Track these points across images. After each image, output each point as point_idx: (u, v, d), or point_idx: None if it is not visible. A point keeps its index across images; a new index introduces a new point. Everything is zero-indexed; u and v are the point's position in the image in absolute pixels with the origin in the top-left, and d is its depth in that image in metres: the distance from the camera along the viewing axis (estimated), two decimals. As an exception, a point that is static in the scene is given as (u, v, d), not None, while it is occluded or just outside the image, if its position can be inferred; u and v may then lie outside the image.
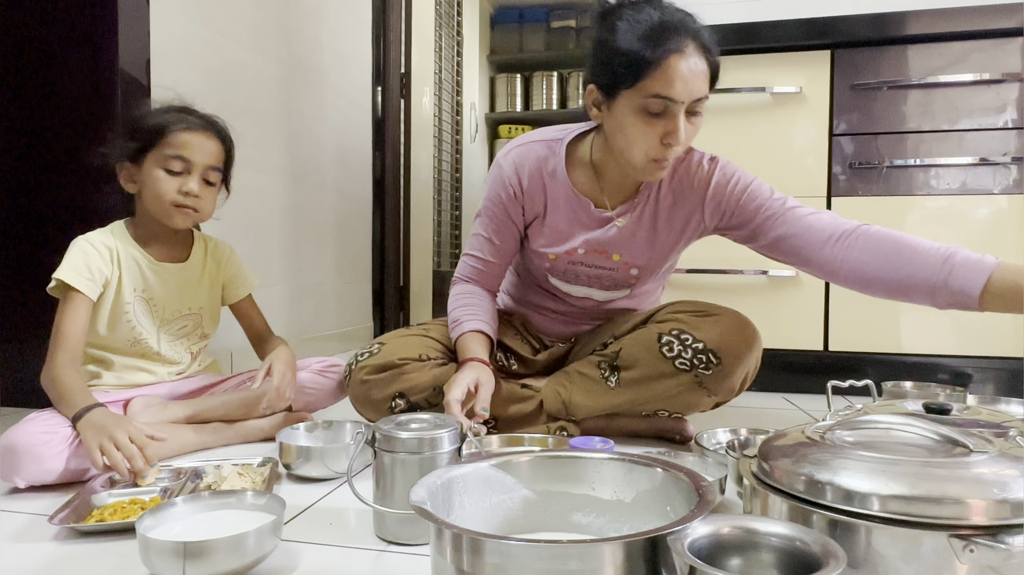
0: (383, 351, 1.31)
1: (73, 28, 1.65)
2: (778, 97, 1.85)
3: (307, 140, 2.56)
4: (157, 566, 0.72)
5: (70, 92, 1.65)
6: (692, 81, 1.08)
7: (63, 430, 1.06)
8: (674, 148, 1.13)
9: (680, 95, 1.08)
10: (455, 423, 0.87)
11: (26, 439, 1.03)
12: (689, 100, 1.09)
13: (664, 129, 1.11)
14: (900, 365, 1.82)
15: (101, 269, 1.23)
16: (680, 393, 1.24)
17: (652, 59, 1.06)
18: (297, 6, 2.46)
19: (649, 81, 1.07)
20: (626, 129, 1.13)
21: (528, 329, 1.46)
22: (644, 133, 1.12)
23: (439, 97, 3.78)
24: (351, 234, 2.93)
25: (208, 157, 1.27)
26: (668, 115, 1.10)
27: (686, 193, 1.28)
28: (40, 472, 1.03)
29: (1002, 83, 1.75)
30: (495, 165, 1.35)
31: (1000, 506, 0.57)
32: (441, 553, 0.57)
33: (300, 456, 1.10)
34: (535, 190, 1.31)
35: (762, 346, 1.26)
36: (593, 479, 0.72)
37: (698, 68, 1.08)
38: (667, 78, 1.07)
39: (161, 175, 1.23)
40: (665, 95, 1.08)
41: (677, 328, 1.22)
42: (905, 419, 0.70)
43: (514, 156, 1.32)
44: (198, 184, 1.25)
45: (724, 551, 0.56)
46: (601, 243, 1.30)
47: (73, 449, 1.05)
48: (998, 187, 1.76)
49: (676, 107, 1.09)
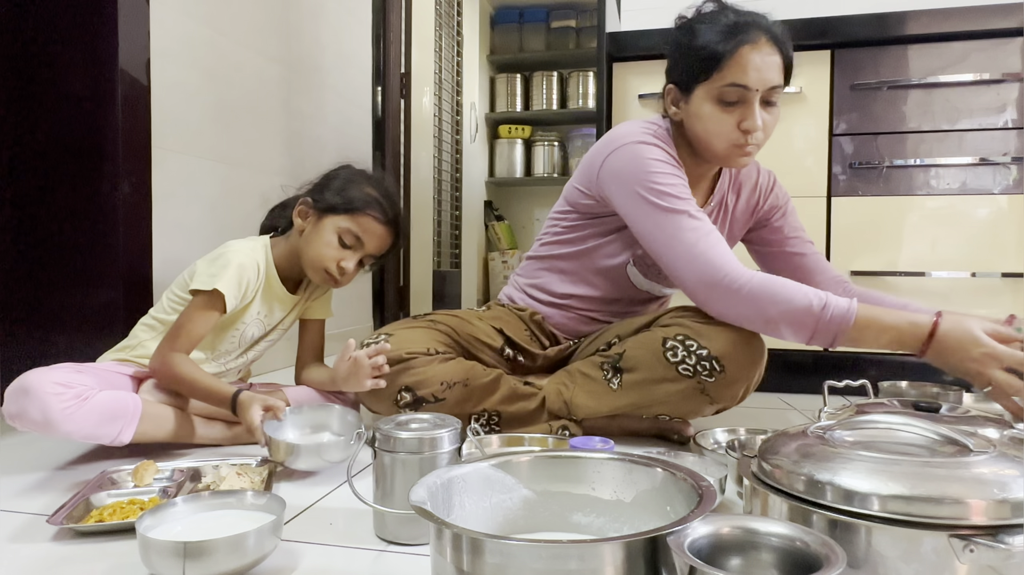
0: (391, 342, 1.29)
1: (73, 28, 1.65)
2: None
3: (307, 140, 2.56)
4: (157, 566, 0.72)
5: (70, 92, 1.65)
6: (765, 70, 1.16)
7: (78, 387, 1.07)
8: (753, 135, 1.19)
9: (754, 83, 1.16)
10: (455, 423, 0.87)
11: (40, 386, 1.04)
12: (763, 88, 1.17)
13: (741, 116, 1.18)
14: (900, 365, 1.82)
15: (250, 288, 1.29)
16: (682, 399, 1.23)
17: (726, 50, 1.15)
18: (297, 6, 2.46)
19: (724, 71, 1.16)
20: (704, 119, 1.21)
21: (541, 327, 1.45)
22: (722, 121, 1.19)
23: (439, 97, 3.78)
24: (351, 234, 2.93)
25: (378, 248, 1.37)
26: (744, 103, 1.18)
27: (749, 197, 1.42)
28: (42, 420, 1.04)
29: (1002, 83, 1.75)
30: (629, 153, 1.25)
31: (1000, 506, 0.57)
32: (441, 553, 0.57)
33: (291, 453, 1.09)
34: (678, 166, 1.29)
35: (766, 358, 1.24)
36: (593, 479, 0.72)
37: (771, 58, 1.17)
38: (740, 67, 1.15)
39: (332, 241, 1.31)
40: (739, 83, 1.16)
41: (682, 333, 1.21)
42: (905, 419, 0.70)
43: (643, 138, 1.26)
44: (355, 264, 1.34)
45: (724, 551, 0.56)
46: None
47: (77, 410, 1.06)
48: (998, 187, 1.76)
49: (751, 95, 1.17)
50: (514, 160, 4.33)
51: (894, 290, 1.81)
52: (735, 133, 1.20)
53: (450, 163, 4.01)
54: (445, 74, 3.90)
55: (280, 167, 2.39)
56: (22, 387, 1.05)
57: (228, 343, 1.35)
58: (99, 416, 1.09)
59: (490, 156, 4.40)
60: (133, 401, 1.15)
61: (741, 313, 1.16)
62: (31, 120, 1.68)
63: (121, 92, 1.64)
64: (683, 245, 1.18)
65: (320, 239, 1.32)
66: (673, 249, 1.19)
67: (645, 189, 1.21)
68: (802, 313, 1.10)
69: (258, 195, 2.25)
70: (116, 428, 1.11)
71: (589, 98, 4.21)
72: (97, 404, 1.09)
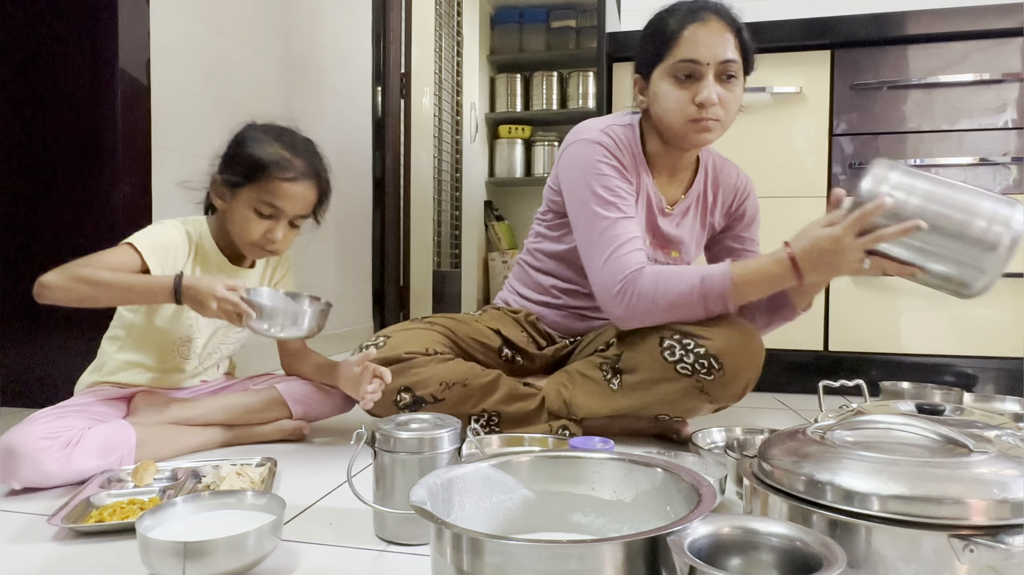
0: (389, 344, 1.30)
1: (73, 28, 1.65)
2: (778, 97, 1.85)
3: (307, 140, 2.56)
4: (157, 566, 0.72)
5: (70, 92, 1.65)
6: (714, 45, 1.21)
7: (64, 435, 1.06)
8: (710, 109, 1.23)
9: (703, 56, 1.21)
10: (455, 423, 0.87)
11: (26, 443, 1.02)
12: (714, 62, 1.22)
13: (694, 91, 1.23)
14: (900, 365, 1.82)
15: (172, 253, 1.23)
16: (681, 398, 1.23)
17: (676, 29, 1.23)
18: (297, 6, 2.46)
19: (676, 50, 1.23)
20: (661, 98, 1.26)
21: (536, 327, 1.46)
22: (678, 98, 1.24)
23: (439, 97, 3.78)
24: (351, 234, 2.93)
25: (301, 208, 1.27)
26: (697, 78, 1.23)
27: (727, 195, 1.44)
28: (38, 476, 1.02)
29: (1002, 83, 1.75)
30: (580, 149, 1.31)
31: (1000, 506, 0.57)
32: (441, 553, 0.57)
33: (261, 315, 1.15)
34: (630, 166, 1.32)
35: (764, 355, 1.25)
36: (593, 479, 0.72)
37: (721, 35, 1.22)
38: (691, 43, 1.22)
39: (251, 216, 1.24)
40: (690, 58, 1.22)
41: (680, 332, 1.22)
42: (905, 419, 0.70)
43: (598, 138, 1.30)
44: (284, 230, 1.26)
45: (724, 551, 0.56)
46: (662, 238, 1.38)
47: (72, 454, 1.05)
48: (998, 187, 1.76)
49: (703, 69, 1.22)
50: (514, 160, 4.33)
51: (894, 290, 1.82)
52: (690, 107, 1.23)
53: (450, 163, 4.01)
54: (445, 74, 3.90)
55: (280, 167, 2.38)
56: (8, 450, 1.02)
57: (186, 330, 1.29)
58: (96, 452, 1.07)
59: (490, 156, 4.41)
60: (125, 430, 1.13)
61: (642, 318, 1.23)
62: (31, 120, 1.68)
63: (121, 92, 1.64)
64: (600, 251, 1.25)
65: (239, 217, 1.25)
66: (591, 255, 1.27)
67: (585, 188, 1.28)
68: (687, 294, 1.18)
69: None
70: (116, 458, 1.10)
71: (589, 98, 4.22)
72: (91, 443, 1.07)
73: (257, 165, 1.23)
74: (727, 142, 1.90)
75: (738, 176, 1.45)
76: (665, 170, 1.37)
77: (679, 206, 1.39)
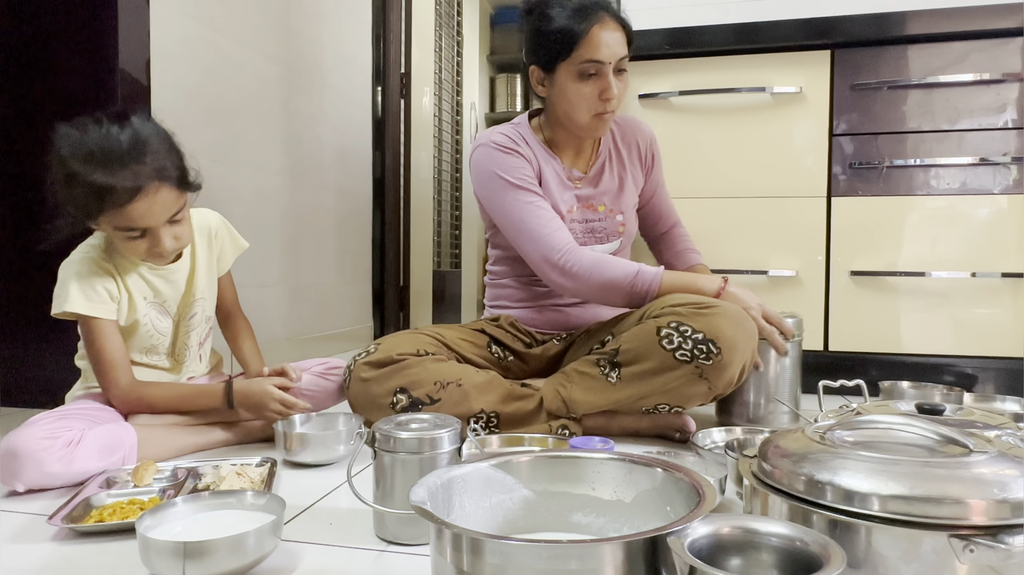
0: (381, 347, 1.33)
1: (73, 28, 1.65)
2: (778, 97, 1.85)
3: (307, 140, 2.56)
4: (157, 566, 0.72)
5: (70, 92, 1.65)
6: (613, 45, 1.35)
7: (65, 435, 1.06)
8: (611, 102, 1.38)
9: (606, 57, 1.34)
10: (455, 423, 0.87)
11: (27, 444, 1.02)
12: (614, 60, 1.35)
13: (600, 87, 1.36)
14: (900, 365, 1.82)
15: (107, 288, 1.20)
16: (681, 385, 1.25)
17: (580, 31, 1.33)
18: (297, 6, 2.46)
19: (580, 50, 1.34)
20: (568, 94, 1.39)
21: (517, 327, 1.51)
22: (585, 95, 1.38)
23: (439, 97, 3.78)
24: (351, 234, 2.93)
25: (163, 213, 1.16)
26: (600, 75, 1.36)
27: (638, 144, 1.57)
28: (41, 477, 1.03)
29: (1002, 83, 1.74)
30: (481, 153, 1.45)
31: (1000, 506, 0.57)
32: (441, 553, 0.57)
33: (299, 443, 1.17)
34: (528, 155, 1.46)
35: (758, 338, 1.30)
36: (593, 479, 0.72)
37: (616, 34, 1.36)
38: (594, 45, 1.34)
39: (125, 241, 1.18)
40: (595, 59, 1.34)
41: (675, 320, 1.24)
42: (905, 419, 0.70)
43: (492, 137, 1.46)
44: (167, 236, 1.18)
45: (724, 551, 0.56)
46: (585, 198, 1.50)
47: (74, 454, 1.05)
48: (998, 187, 1.76)
49: (605, 67, 1.35)
50: (514, 160, 4.32)
51: (894, 290, 1.82)
52: (597, 103, 1.38)
53: (450, 163, 4.01)
54: (445, 74, 3.90)
55: (280, 167, 2.39)
56: (10, 451, 1.02)
57: (147, 340, 1.28)
58: (98, 451, 1.07)
59: (490, 156, 4.40)
60: (126, 431, 1.14)
61: (575, 286, 1.37)
62: (31, 120, 1.68)
63: (121, 92, 1.64)
64: (528, 228, 1.39)
65: (119, 244, 1.19)
66: (521, 233, 1.40)
67: (496, 180, 1.42)
68: (619, 281, 1.34)
69: (258, 195, 2.25)
70: (117, 458, 1.10)
71: (589, 98, 4.21)
72: (91, 443, 1.07)
73: (93, 204, 1.11)
74: (727, 143, 1.90)
75: (639, 126, 1.59)
76: (570, 149, 1.51)
77: (593, 168, 1.52)
